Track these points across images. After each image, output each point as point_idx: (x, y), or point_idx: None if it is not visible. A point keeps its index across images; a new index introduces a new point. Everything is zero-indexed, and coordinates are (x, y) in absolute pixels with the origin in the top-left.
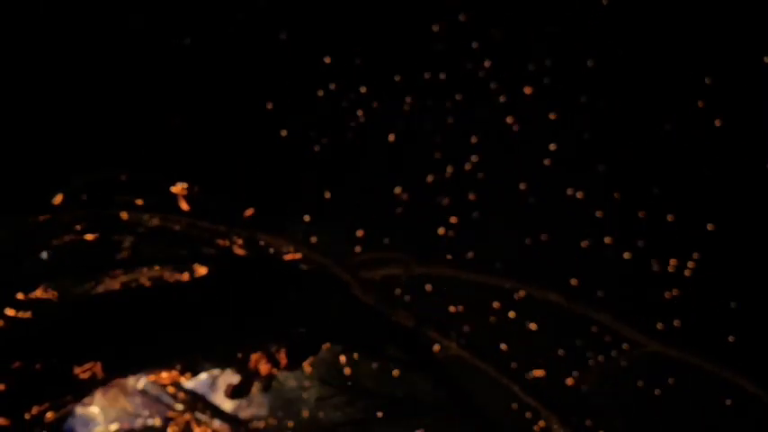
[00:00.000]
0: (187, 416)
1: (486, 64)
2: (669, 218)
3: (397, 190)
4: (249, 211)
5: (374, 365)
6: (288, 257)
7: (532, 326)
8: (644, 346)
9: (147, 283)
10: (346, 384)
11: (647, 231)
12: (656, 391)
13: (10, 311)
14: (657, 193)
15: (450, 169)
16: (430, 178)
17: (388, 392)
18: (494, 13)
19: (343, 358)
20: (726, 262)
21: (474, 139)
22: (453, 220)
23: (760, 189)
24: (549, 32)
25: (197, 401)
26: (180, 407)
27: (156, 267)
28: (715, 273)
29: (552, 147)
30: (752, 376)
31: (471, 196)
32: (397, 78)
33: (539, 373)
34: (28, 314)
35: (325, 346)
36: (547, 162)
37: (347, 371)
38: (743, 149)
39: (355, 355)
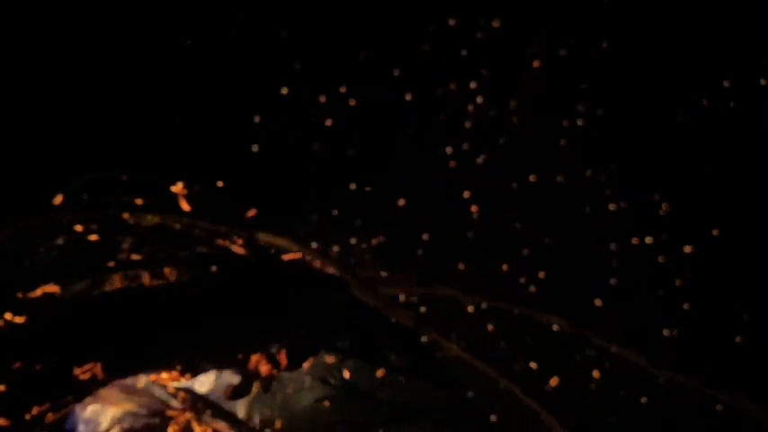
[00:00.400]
0: (188, 415)
1: (488, 71)
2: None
3: (401, 202)
4: (251, 212)
5: (374, 371)
6: (288, 257)
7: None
8: (646, 370)
9: (148, 284)
10: (346, 387)
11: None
12: (654, 399)
13: (9, 312)
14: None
15: (454, 170)
16: (436, 178)
17: (387, 396)
18: (502, 9)
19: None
20: (727, 277)
21: (477, 147)
22: (460, 222)
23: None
24: (550, 33)
25: (198, 401)
26: (180, 406)
27: (157, 268)
28: (716, 288)
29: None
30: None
31: (474, 207)
32: (402, 79)
33: (554, 381)
34: (28, 315)
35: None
36: (548, 175)
37: (347, 374)
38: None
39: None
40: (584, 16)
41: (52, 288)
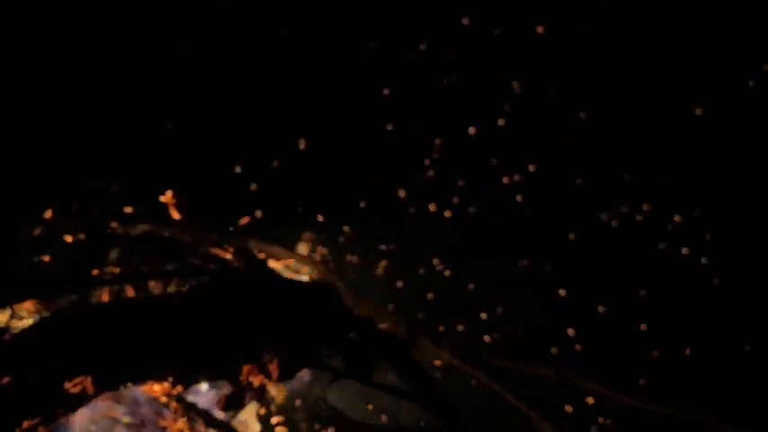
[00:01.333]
0: (180, 424)
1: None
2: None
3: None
4: (245, 220)
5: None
6: (278, 265)
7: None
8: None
9: (137, 296)
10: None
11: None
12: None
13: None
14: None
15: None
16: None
17: (382, 412)
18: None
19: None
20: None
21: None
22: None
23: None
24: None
25: (191, 410)
26: (173, 415)
27: (146, 280)
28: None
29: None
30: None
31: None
32: (400, 87)
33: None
34: (18, 328)
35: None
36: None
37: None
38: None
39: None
40: (584, 16)
41: (40, 302)
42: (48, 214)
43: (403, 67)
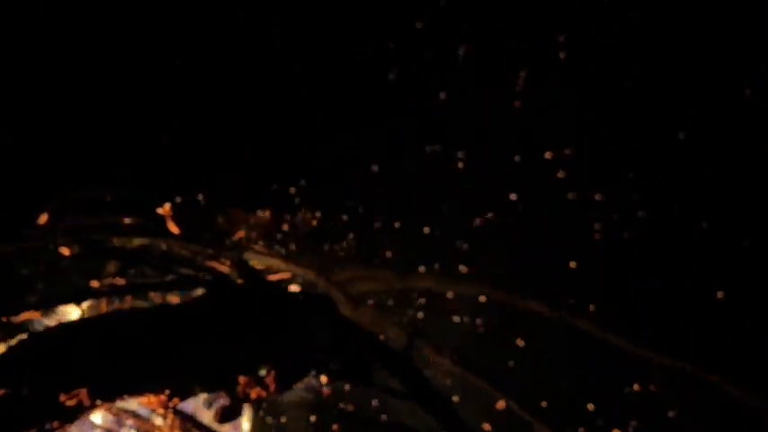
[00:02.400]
0: None
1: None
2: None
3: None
4: (240, 233)
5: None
6: (276, 277)
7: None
8: (630, 352)
9: (133, 308)
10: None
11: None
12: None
13: None
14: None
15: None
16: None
17: (381, 419)
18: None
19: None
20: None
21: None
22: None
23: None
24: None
25: (186, 421)
26: (168, 427)
27: (143, 291)
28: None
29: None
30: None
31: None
32: (388, 86)
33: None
34: (13, 340)
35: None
36: (537, 165)
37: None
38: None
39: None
40: (584, 18)
41: (35, 313)
42: (42, 219)
43: (403, 67)
